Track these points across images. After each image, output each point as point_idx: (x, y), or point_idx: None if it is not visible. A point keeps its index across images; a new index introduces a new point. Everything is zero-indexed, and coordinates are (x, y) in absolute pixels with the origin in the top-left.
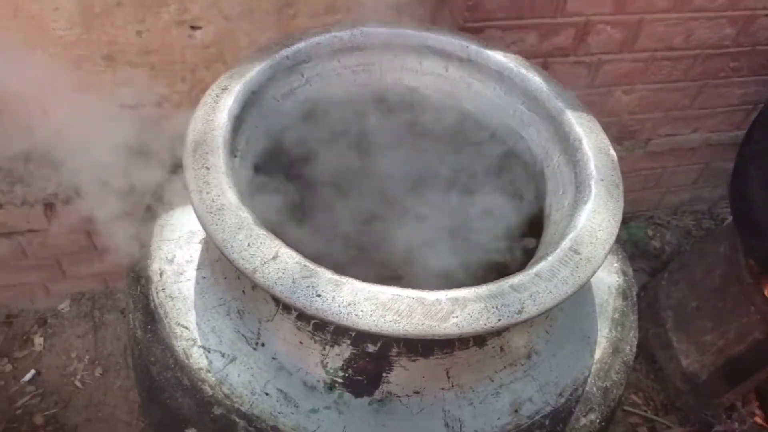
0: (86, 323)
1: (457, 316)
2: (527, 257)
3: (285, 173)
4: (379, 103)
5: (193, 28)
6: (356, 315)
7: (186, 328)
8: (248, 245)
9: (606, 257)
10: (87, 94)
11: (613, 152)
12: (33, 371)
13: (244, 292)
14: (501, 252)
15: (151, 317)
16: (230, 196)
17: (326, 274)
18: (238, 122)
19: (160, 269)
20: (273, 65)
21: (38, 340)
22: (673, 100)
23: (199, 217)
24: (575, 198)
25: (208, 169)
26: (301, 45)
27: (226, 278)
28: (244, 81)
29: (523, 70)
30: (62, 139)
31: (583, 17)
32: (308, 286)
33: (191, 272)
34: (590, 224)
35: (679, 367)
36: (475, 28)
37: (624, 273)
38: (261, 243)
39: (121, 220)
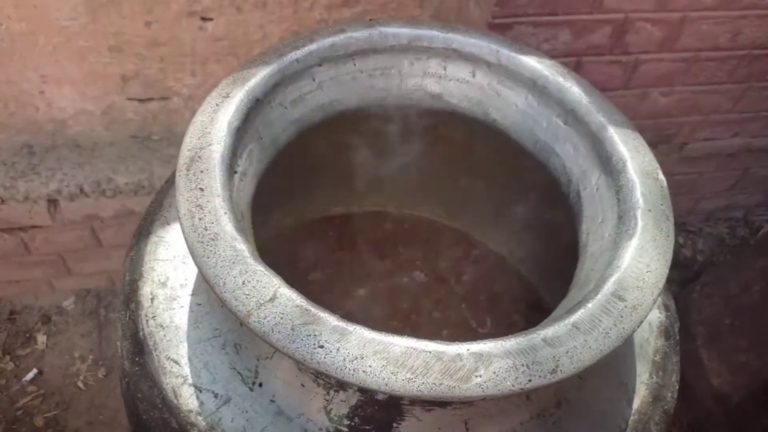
0: (91, 321)
1: (480, 376)
2: (557, 286)
3: (292, 190)
4: (398, 110)
5: (204, 19)
6: (363, 371)
7: (176, 363)
8: (243, 283)
9: (655, 304)
10: (92, 87)
11: (662, 177)
12: (35, 370)
13: (241, 324)
14: (529, 280)
15: (139, 348)
16: (225, 224)
17: (331, 321)
18: (240, 134)
19: (151, 293)
20: (281, 69)
21: (41, 338)
22: (715, 103)
23: (189, 246)
24: (618, 229)
25: (201, 190)
26: (312, 47)
27: (222, 307)
28: (248, 87)
29: (560, 79)
30: (67, 133)
31: (622, 14)
32: (309, 335)
33: (185, 298)
34: (636, 264)
35: (710, 387)
36: (503, 24)
37: (666, 308)
38: (257, 281)
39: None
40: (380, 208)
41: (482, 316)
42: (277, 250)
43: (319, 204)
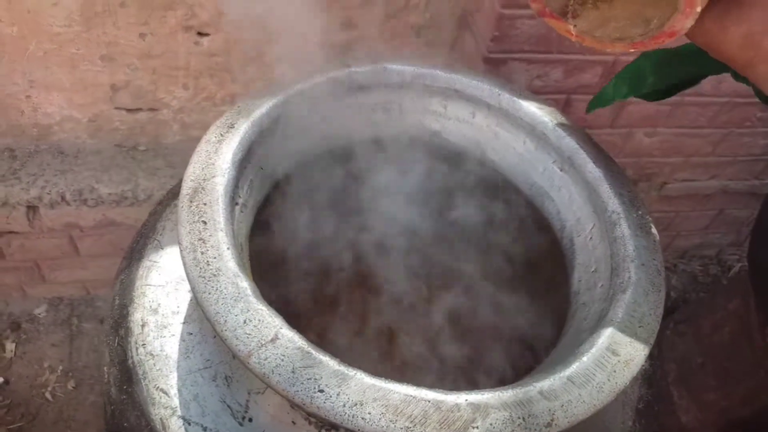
0: (62, 331)
1: (477, 427)
2: (543, 326)
3: (289, 219)
4: (396, 143)
5: (200, 34)
6: (362, 418)
7: (166, 393)
8: (244, 322)
9: (646, 359)
10: (81, 94)
11: (655, 231)
12: (1, 379)
13: (234, 356)
14: (518, 321)
15: (127, 376)
16: (228, 260)
17: (331, 365)
18: (243, 166)
19: (142, 320)
20: (286, 101)
21: (10, 346)
22: (695, 146)
23: (190, 281)
24: (611, 281)
25: (205, 223)
26: (318, 80)
27: (215, 337)
28: (253, 119)
29: (558, 127)
30: (51, 139)
31: (612, 56)
32: (310, 379)
33: (177, 326)
34: (629, 319)
35: (678, 423)
36: (498, 59)
37: (651, 355)
38: (259, 320)
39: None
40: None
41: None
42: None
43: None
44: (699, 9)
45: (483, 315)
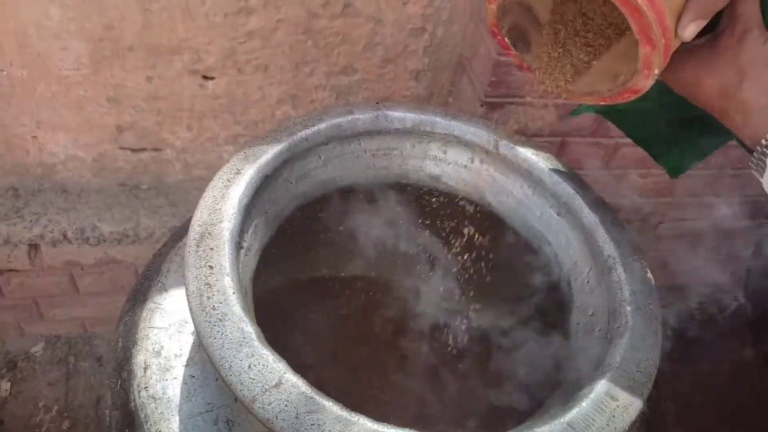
0: (59, 369)
1: None
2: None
3: (283, 255)
4: (397, 187)
5: (205, 78)
6: None
7: None
8: (249, 367)
9: (644, 404)
10: (86, 135)
11: (650, 276)
12: None
13: (235, 399)
14: (514, 364)
15: (130, 419)
16: (233, 305)
17: (334, 410)
18: (248, 210)
19: (145, 362)
20: (290, 147)
21: (5, 385)
22: (689, 187)
23: (196, 326)
24: (608, 326)
25: (211, 268)
26: (321, 126)
27: (217, 380)
28: (259, 165)
29: (555, 173)
30: (55, 178)
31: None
32: (313, 424)
33: (179, 369)
34: (627, 364)
35: None
36: (495, 102)
37: (650, 398)
38: (263, 366)
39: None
40: (366, 274)
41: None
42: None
43: (308, 267)
44: (656, 71)
45: (478, 357)
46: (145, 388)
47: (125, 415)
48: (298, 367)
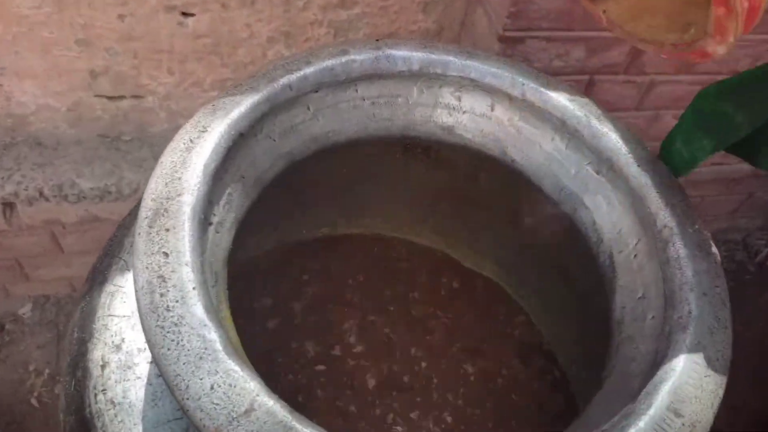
0: (49, 331)
1: None
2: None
3: (274, 215)
4: (403, 142)
5: (184, 14)
6: None
7: None
8: (212, 388)
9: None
10: (57, 82)
11: (715, 250)
12: None
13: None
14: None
15: (84, 429)
16: (193, 304)
17: None
18: (218, 177)
19: (102, 359)
20: (271, 97)
21: None
22: None
23: (145, 332)
24: (665, 314)
25: (166, 255)
26: (309, 70)
27: None
28: (231, 120)
29: (595, 122)
30: (28, 130)
31: None
32: None
33: (143, 366)
34: (693, 367)
35: None
36: (515, 37)
37: None
38: (230, 386)
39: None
40: (370, 232)
41: (481, 366)
42: (253, 277)
43: (305, 226)
44: (732, 39)
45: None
46: (103, 390)
47: (80, 424)
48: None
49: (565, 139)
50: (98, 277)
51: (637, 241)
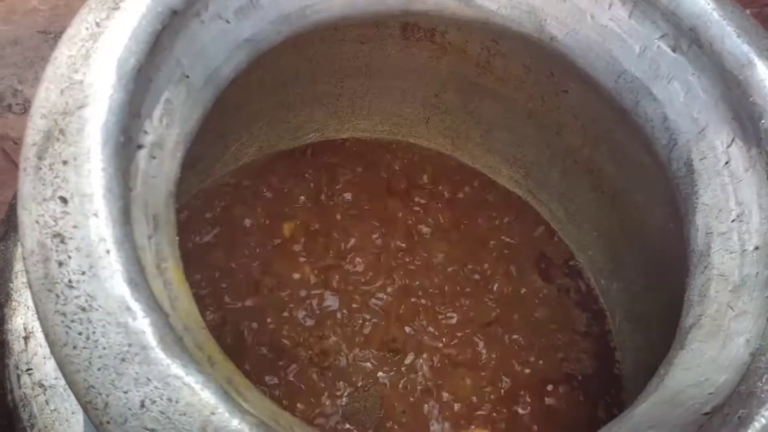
0: None
1: None
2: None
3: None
4: (404, 20)
5: None
6: None
7: None
8: (143, 405)
9: None
10: None
11: None
12: None
13: None
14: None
15: (7, 421)
16: (109, 277)
17: None
18: (145, 77)
19: (25, 328)
20: None
21: None
22: None
23: (41, 321)
24: None
25: (65, 202)
26: None
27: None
28: None
29: None
30: None
31: None
32: None
33: None
34: None
35: None
36: None
37: None
38: (171, 400)
39: None
40: (365, 135)
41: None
42: (236, 192)
43: (290, 129)
44: None
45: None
46: (28, 370)
47: (2, 415)
48: None
49: (629, 4)
50: (15, 221)
51: (729, 142)
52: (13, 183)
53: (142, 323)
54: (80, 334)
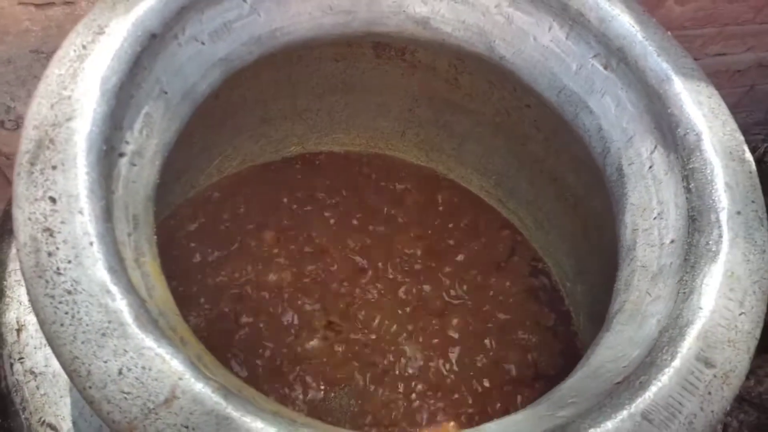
0: None
1: None
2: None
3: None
4: (367, 40)
5: None
6: None
7: (55, 429)
8: (120, 372)
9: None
10: None
11: (749, 156)
12: None
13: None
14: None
15: (1, 406)
16: (92, 264)
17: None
18: (126, 93)
19: (18, 321)
20: None
21: None
22: (734, 14)
23: (32, 303)
24: (689, 238)
25: (53, 201)
26: None
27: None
28: (136, 17)
29: (603, 3)
30: None
31: None
32: None
33: None
34: (726, 304)
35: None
36: None
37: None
38: (145, 368)
39: None
40: (344, 148)
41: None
42: (220, 203)
43: (272, 143)
44: None
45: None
46: (20, 359)
47: None
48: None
49: (566, 27)
50: (10, 222)
51: (653, 148)
52: (5, 196)
53: (120, 304)
54: (66, 313)
